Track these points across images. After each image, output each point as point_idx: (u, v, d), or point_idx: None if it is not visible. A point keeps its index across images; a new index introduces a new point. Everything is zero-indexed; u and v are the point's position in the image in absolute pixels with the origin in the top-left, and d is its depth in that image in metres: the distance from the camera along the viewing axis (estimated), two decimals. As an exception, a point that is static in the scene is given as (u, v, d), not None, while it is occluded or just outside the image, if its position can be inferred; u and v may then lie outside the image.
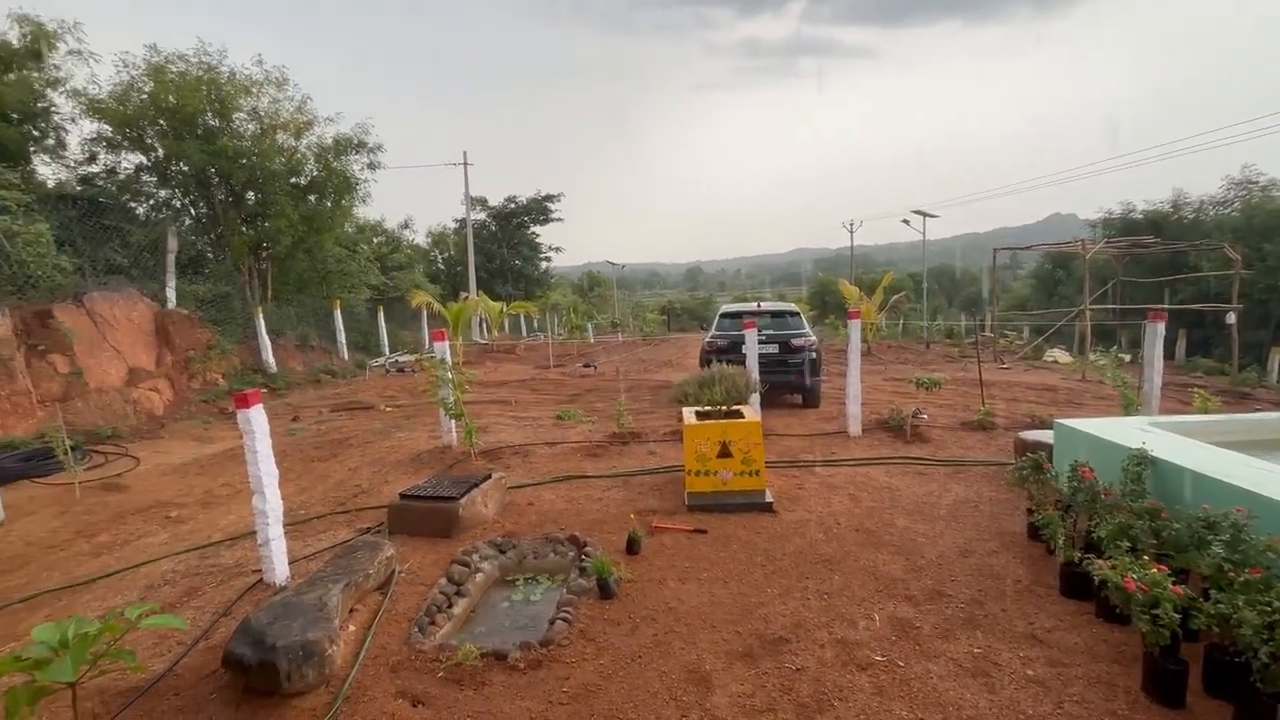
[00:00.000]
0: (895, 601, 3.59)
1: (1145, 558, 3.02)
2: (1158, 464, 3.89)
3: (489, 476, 5.30)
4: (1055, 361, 16.41)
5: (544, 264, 38.72)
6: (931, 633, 3.26)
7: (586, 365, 16.44)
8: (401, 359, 16.81)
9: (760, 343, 7.93)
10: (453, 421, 7.12)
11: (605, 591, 3.71)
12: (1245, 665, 2.47)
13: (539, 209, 36.59)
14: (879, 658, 3.06)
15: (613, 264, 52.73)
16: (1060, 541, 3.64)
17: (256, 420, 3.84)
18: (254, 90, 14.62)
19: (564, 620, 3.43)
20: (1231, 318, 14.21)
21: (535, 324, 30.75)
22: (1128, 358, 13.10)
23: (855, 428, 7.40)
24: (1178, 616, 2.63)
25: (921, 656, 3.06)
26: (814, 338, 9.59)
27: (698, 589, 3.80)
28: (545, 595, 4.02)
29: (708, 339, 9.81)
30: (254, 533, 4.08)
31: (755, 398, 6.78)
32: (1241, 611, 2.51)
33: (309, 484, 6.40)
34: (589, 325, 31.19)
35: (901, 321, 27.07)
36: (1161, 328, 6.89)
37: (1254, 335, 18.73)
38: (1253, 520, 3.00)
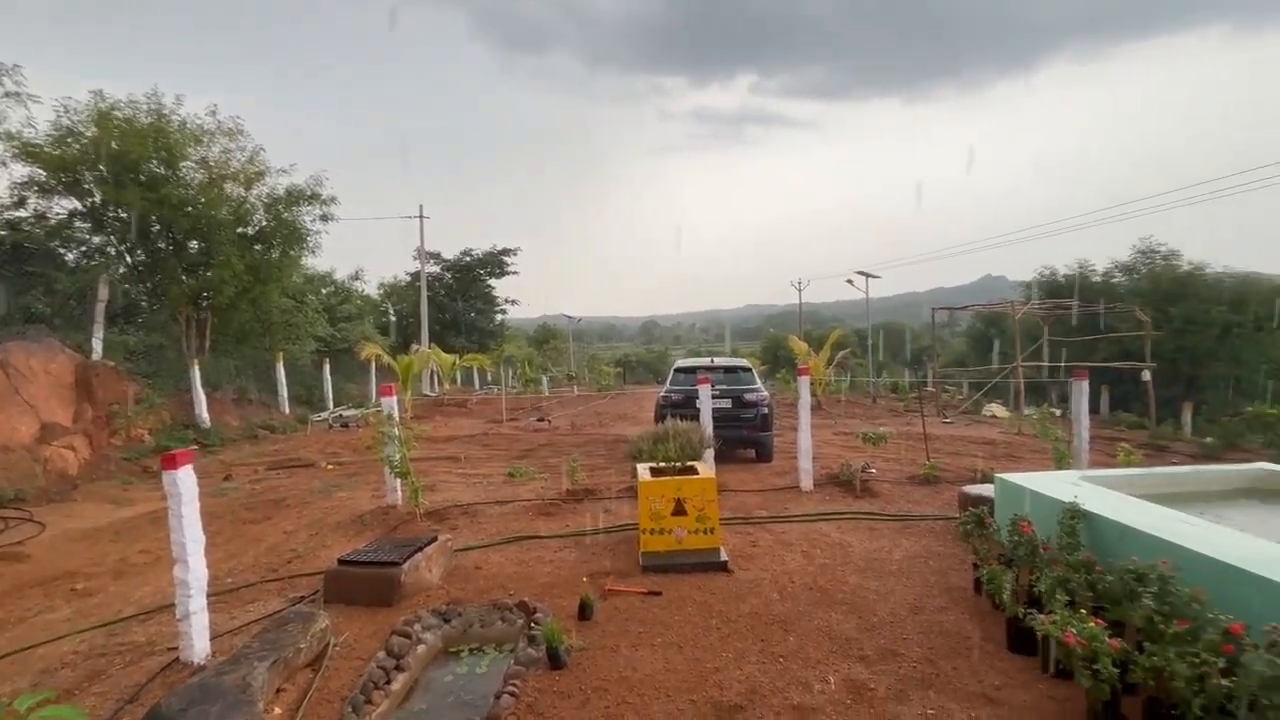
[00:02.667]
0: (849, 662, 3.57)
1: (1083, 611, 3.11)
2: (1089, 517, 4.06)
3: (434, 539, 5.08)
4: (993, 416, 17.16)
5: (499, 316, 38.56)
6: (886, 695, 3.24)
7: (541, 419, 16.21)
8: (346, 413, 16.21)
9: (714, 398, 8.02)
10: (398, 480, 6.85)
11: (555, 661, 3.55)
12: (1181, 717, 2.54)
13: (495, 262, 36.71)
14: (835, 723, 3.01)
15: (569, 317, 52.94)
16: (1006, 596, 3.72)
17: (184, 483, 3.61)
18: (205, 140, 14.43)
19: (510, 694, 3.25)
20: (1146, 375, 15.26)
21: (489, 377, 30.32)
22: (1058, 412, 13.83)
23: (807, 483, 7.49)
24: (1116, 670, 2.70)
25: (877, 720, 3.03)
26: (766, 393, 9.77)
27: (651, 655, 3.69)
28: (491, 667, 3.82)
29: (663, 394, 9.87)
30: (172, 606, 3.76)
31: (709, 453, 6.80)
32: (1173, 664, 2.59)
33: (239, 549, 5.98)
34: (544, 378, 30.97)
35: (849, 377, 27.94)
36: (1086, 385, 7.34)
37: (1168, 391, 20.11)
38: (1178, 572, 3.14)
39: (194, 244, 14.85)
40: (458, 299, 35.52)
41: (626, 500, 6.98)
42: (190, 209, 13.82)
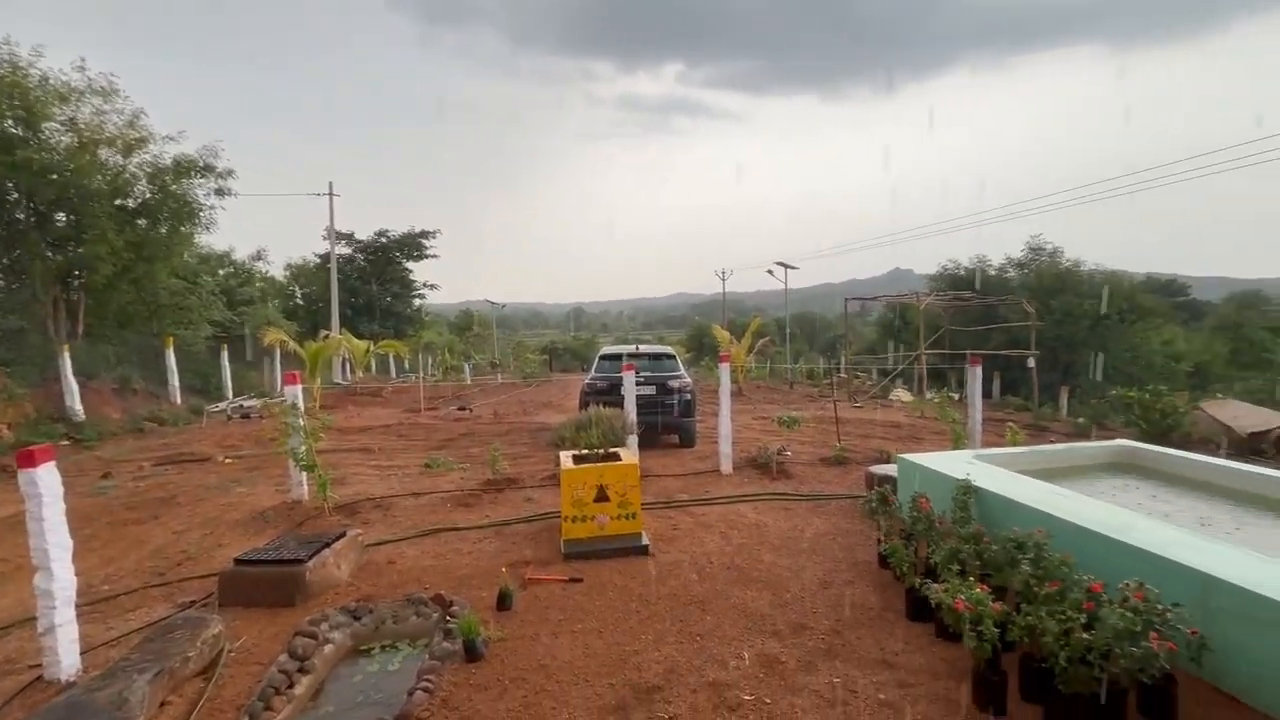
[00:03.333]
0: (763, 638, 3.70)
1: (971, 579, 3.37)
2: (979, 492, 4.41)
3: (343, 534, 4.83)
4: (899, 400, 18.27)
5: (417, 301, 37.01)
6: (796, 667, 3.39)
7: (461, 408, 15.76)
8: (247, 403, 15.10)
9: (638, 384, 8.07)
10: (304, 474, 6.46)
11: (472, 653, 3.48)
12: (1050, 670, 2.81)
13: (412, 244, 35.10)
14: (748, 697, 3.12)
15: (492, 303, 51.61)
16: (905, 568, 3.98)
17: (45, 482, 3.23)
18: (72, 99, 12.87)
19: (424, 690, 3.15)
20: (1031, 362, 16.72)
21: (406, 365, 29.10)
22: (956, 396, 14.93)
23: (727, 466, 7.70)
24: (997, 631, 2.95)
25: (787, 691, 3.16)
26: (689, 379, 9.93)
27: (571, 642, 3.68)
28: (405, 663, 3.69)
29: (588, 381, 9.82)
30: (34, 619, 3.37)
31: (633, 439, 6.85)
32: (1044, 621, 2.86)
33: (118, 552, 5.46)
34: (466, 366, 30.09)
35: (769, 363, 28.93)
36: (979, 371, 7.93)
37: (1048, 377, 22.18)
38: (1051, 539, 3.47)
39: (61, 216, 13.27)
40: (372, 282, 33.78)
41: (550, 489, 6.92)
42: (56, 176, 12.31)
